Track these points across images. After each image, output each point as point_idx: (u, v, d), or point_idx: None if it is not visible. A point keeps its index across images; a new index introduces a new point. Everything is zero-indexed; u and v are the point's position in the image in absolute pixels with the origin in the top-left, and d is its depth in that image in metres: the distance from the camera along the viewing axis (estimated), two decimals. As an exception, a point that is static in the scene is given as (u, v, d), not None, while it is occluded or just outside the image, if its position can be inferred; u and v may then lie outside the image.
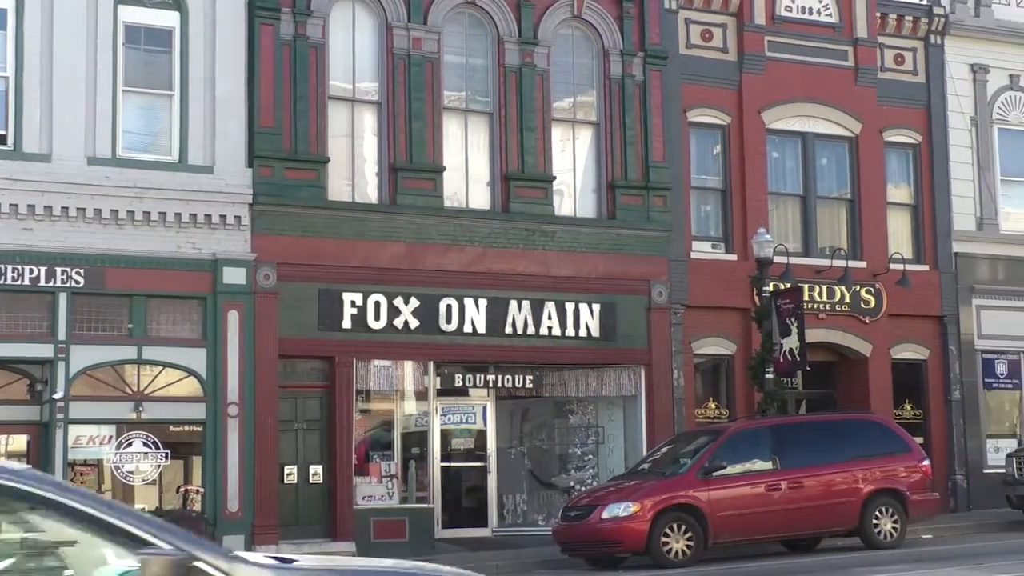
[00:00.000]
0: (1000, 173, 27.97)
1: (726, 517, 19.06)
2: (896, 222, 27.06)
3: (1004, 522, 23.71)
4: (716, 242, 25.54)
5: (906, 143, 27.28)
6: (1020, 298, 27.51)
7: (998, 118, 28.06)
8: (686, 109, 25.23)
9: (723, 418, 24.74)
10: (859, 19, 26.57)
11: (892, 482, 20.38)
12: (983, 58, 27.94)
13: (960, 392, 26.75)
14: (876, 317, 26.04)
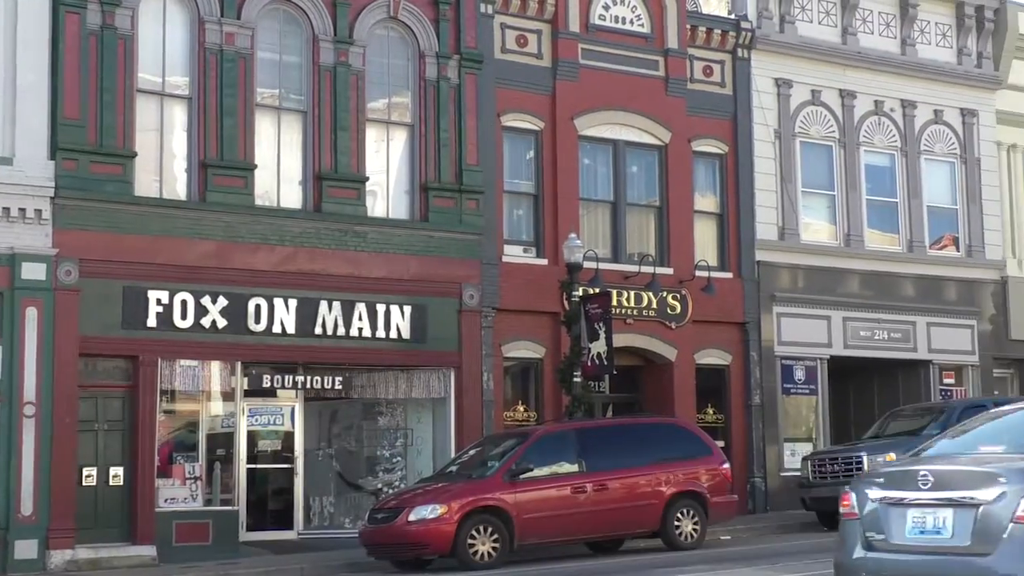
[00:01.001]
0: (801, 185, 28.87)
1: (532, 519, 19.23)
2: (702, 230, 27.68)
3: (799, 523, 24.46)
4: (528, 246, 25.75)
5: (713, 153, 27.93)
6: (818, 306, 28.45)
7: (800, 131, 28.97)
8: (500, 113, 25.38)
9: (531, 421, 24.96)
10: (670, 30, 27.13)
11: (694, 485, 20.85)
12: (787, 73, 28.80)
13: (760, 397, 27.52)
14: (682, 323, 26.60)
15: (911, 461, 9.79)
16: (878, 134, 30.04)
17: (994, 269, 31.07)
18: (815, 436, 28.45)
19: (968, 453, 9.62)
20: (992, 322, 30.90)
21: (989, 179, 31.33)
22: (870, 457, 22.88)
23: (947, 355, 30.23)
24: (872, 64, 29.92)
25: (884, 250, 29.78)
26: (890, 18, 30.53)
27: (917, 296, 29.92)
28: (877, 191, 29.94)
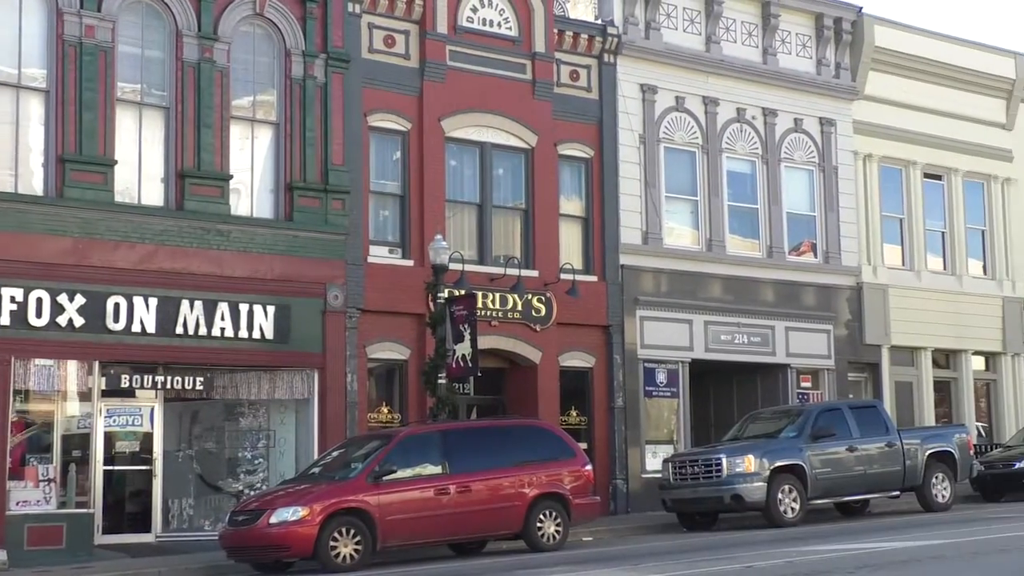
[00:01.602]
0: (665, 190, 29.26)
1: (395, 521, 19.16)
2: (568, 233, 27.88)
3: (660, 524, 24.78)
4: (393, 247, 25.67)
5: (579, 157, 28.15)
6: (681, 310, 28.86)
7: (664, 137, 29.35)
8: (367, 113, 25.27)
9: (395, 422, 24.88)
10: (537, 34, 27.28)
11: (556, 486, 20.98)
12: (652, 79, 29.16)
13: (623, 399, 27.81)
14: (546, 325, 26.75)
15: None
16: (740, 141, 30.58)
17: (850, 275, 31.84)
18: (676, 438, 28.86)
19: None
20: (847, 327, 31.65)
21: (846, 187, 32.09)
22: (729, 459, 23.31)
23: (804, 359, 30.89)
24: (735, 72, 30.46)
25: (745, 255, 30.33)
26: (752, 27, 31.11)
27: (776, 301, 30.52)
28: (738, 197, 30.48)
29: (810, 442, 24.00)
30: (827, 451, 24.20)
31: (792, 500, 23.35)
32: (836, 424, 24.65)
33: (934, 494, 25.41)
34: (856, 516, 25.51)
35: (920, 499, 25.52)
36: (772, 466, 23.29)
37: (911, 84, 33.75)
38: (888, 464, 24.96)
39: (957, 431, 27.25)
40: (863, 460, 24.67)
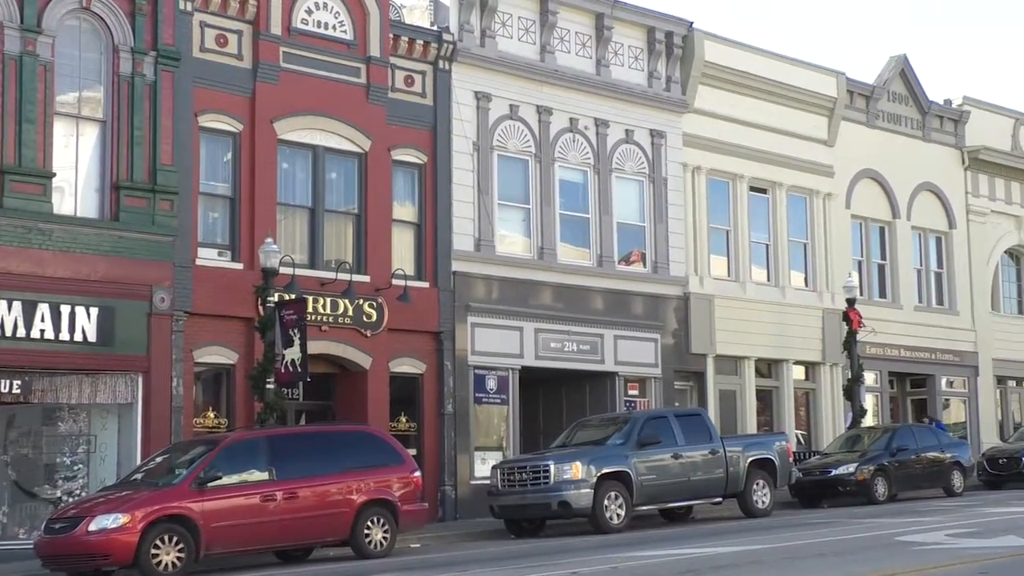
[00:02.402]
0: (498, 197, 29.40)
1: (220, 528, 18.85)
2: (400, 239, 27.81)
3: (488, 531, 24.86)
4: (223, 250, 25.26)
5: (413, 163, 28.11)
6: (512, 317, 29.01)
7: (498, 145, 29.50)
8: (198, 113, 24.83)
9: (222, 428, 24.47)
10: (373, 38, 27.16)
11: (385, 493, 20.91)
12: (487, 87, 29.28)
13: (453, 406, 27.83)
14: (377, 331, 26.62)
15: None
16: (572, 151, 30.90)
17: (677, 285, 32.41)
18: (505, 445, 28.99)
19: None
20: (674, 336, 32.22)
21: (675, 199, 32.67)
22: (557, 466, 23.48)
23: (632, 367, 31.34)
24: (568, 82, 30.77)
25: (576, 264, 30.64)
26: (586, 39, 31.47)
27: (605, 309, 30.90)
28: (570, 206, 30.79)
29: (636, 449, 24.33)
30: (653, 458, 24.56)
31: (618, 506, 23.64)
32: (662, 432, 25.02)
33: (755, 500, 25.99)
34: (680, 522, 25.95)
35: (741, 505, 26.07)
36: (599, 473, 23.54)
37: (739, 99, 34.56)
38: (711, 471, 25.45)
39: (777, 439, 27.93)
40: (687, 467, 25.10)
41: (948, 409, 40.12)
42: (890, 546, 17.13)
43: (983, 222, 41.49)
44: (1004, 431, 40.98)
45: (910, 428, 32.60)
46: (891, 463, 29.65)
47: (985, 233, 41.58)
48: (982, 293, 41.14)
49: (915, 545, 16.94)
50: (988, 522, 20.41)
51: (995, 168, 41.91)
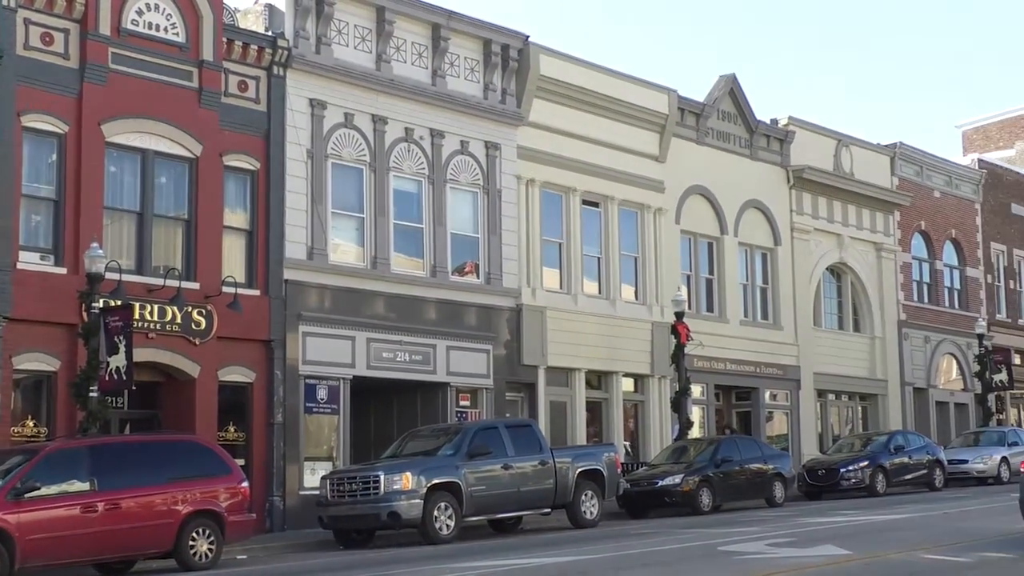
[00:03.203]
0: (332, 206, 29.19)
1: (37, 540, 18.29)
2: (231, 246, 27.40)
3: (316, 541, 24.64)
4: (46, 254, 24.55)
5: (245, 169, 27.73)
6: (344, 327, 28.81)
7: (332, 153, 29.29)
8: (21, 113, 24.12)
9: (42, 437, 23.77)
10: (206, 42, 26.73)
11: (211, 503, 20.55)
12: (322, 94, 29.06)
13: (283, 415, 27.51)
14: (206, 339, 26.19)
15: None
16: (407, 161, 30.86)
17: (510, 297, 32.59)
18: (335, 455, 28.76)
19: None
20: (507, 347, 32.38)
21: (509, 211, 32.87)
22: (387, 476, 23.38)
23: (464, 378, 31.40)
24: (404, 92, 30.72)
25: (409, 274, 30.59)
26: (423, 49, 31.48)
27: (438, 320, 30.91)
28: (404, 216, 30.73)
29: (467, 460, 24.38)
30: (483, 469, 24.64)
31: (448, 517, 23.65)
32: (492, 443, 25.12)
33: (583, 511, 26.26)
34: (509, 533, 26.07)
35: (570, 516, 26.31)
36: (429, 484, 23.51)
37: (573, 113, 34.95)
38: (541, 482, 25.64)
39: (606, 450, 28.28)
40: (517, 478, 25.24)
41: (771, 421, 41.13)
42: (712, 556, 17.47)
43: (806, 239, 42.68)
44: (824, 443, 42.15)
45: (734, 440, 33.32)
46: (716, 474, 30.25)
47: (808, 250, 42.78)
48: (805, 309, 42.30)
49: (736, 555, 17.31)
50: (807, 532, 20.97)
51: (818, 187, 43.16)
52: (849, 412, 45.27)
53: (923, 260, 48.36)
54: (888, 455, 35.47)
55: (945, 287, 49.31)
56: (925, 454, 36.72)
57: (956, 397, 48.94)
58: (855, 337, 44.98)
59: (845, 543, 18.20)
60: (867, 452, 35.58)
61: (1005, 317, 52.12)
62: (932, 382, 47.45)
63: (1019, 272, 53.66)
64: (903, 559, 15.98)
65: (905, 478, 35.75)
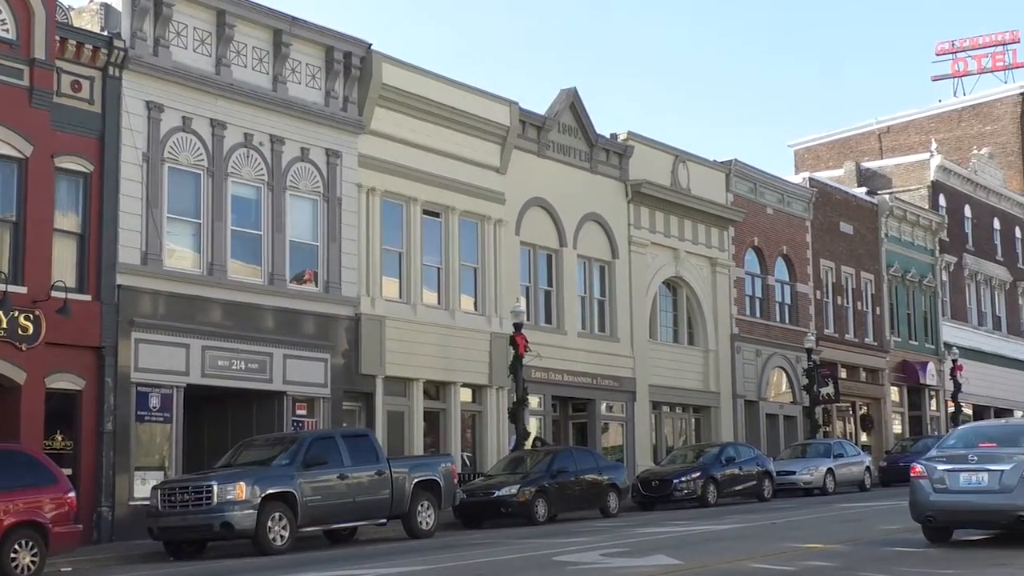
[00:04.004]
0: (168, 211, 28.64)
1: None
2: (62, 249, 26.66)
3: (146, 553, 24.11)
4: None
5: (78, 171, 27.03)
6: (178, 334, 28.27)
7: (169, 157, 28.74)
8: None
9: None
10: (37, 40, 25.98)
11: (34, 514, 19.97)
12: (159, 97, 28.51)
13: (113, 424, 26.85)
14: (33, 344, 25.42)
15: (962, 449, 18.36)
16: (246, 166, 30.44)
17: (349, 306, 32.37)
18: (168, 465, 28.17)
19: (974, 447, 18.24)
20: (345, 356, 32.14)
21: (349, 219, 32.66)
22: (220, 486, 23.00)
23: (301, 387, 31.07)
24: (244, 97, 30.31)
25: (246, 281, 30.17)
26: (264, 54, 31.11)
27: (276, 328, 30.53)
28: (243, 222, 30.31)
29: (302, 470, 24.14)
30: (318, 479, 24.41)
31: (282, 528, 23.38)
32: (329, 452, 24.92)
33: (419, 521, 26.21)
34: (344, 543, 25.88)
35: (406, 526, 26.25)
36: (263, 493, 23.21)
37: (416, 123, 34.91)
38: (377, 492, 25.52)
39: (443, 460, 28.29)
40: (353, 488, 25.08)
41: (607, 433, 41.60)
42: (546, 566, 17.59)
43: (644, 253, 43.31)
44: (658, 454, 42.79)
45: (570, 451, 33.62)
46: (551, 485, 30.48)
47: (645, 264, 43.42)
48: (641, 321, 42.90)
49: (571, 565, 17.46)
50: (640, 542, 21.26)
51: (656, 202, 43.86)
52: (683, 424, 46.06)
53: (755, 275, 49.49)
54: (719, 466, 36.18)
55: (776, 302, 50.54)
56: (755, 465, 37.56)
57: (785, 410, 50.17)
58: (689, 350, 45.79)
59: (676, 553, 18.50)
60: (699, 463, 36.23)
61: (833, 332, 53.64)
62: (763, 395, 48.56)
63: (846, 288, 55.30)
64: (731, 568, 16.30)
65: (735, 489, 36.51)
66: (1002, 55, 75.82)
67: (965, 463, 18.00)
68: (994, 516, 17.91)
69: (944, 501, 17.98)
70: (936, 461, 18.40)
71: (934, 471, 18.19)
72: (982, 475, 17.72)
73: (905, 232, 59.69)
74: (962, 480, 17.87)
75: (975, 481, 17.75)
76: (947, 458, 18.34)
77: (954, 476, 17.95)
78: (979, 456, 17.99)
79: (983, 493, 17.67)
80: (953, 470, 18.00)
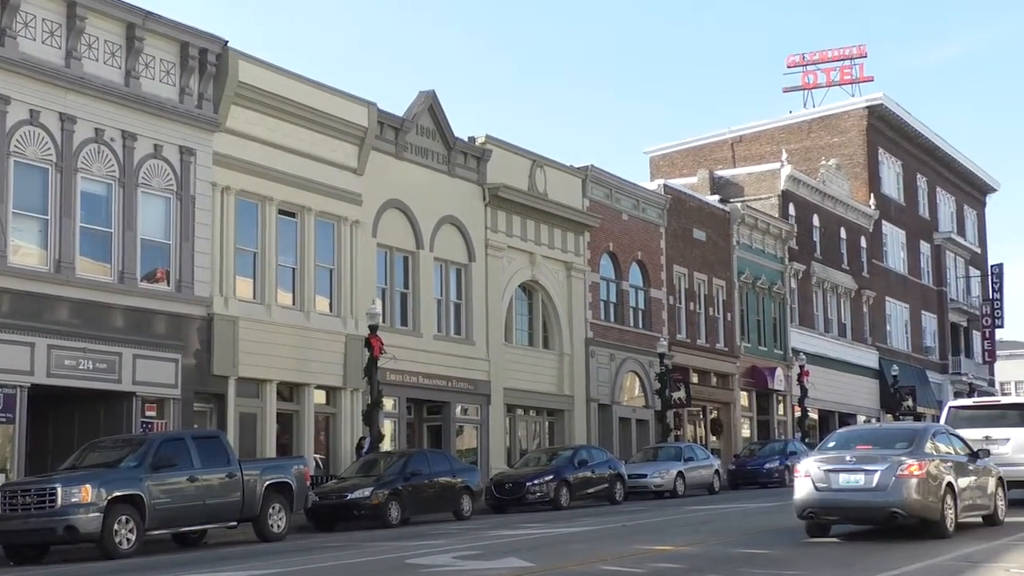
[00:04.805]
0: (13, 206, 27.86)
1: None
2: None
3: (-16, 558, 23.42)
4: None
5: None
6: (23, 332, 27.53)
7: (16, 151, 27.96)
8: None
9: None
10: None
11: None
12: (5, 89, 27.72)
13: (-48, 425, 26.03)
14: None
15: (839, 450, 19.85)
16: (97, 162, 29.76)
17: (201, 305, 31.87)
18: (9, 467, 27.39)
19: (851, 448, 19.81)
20: (196, 357, 31.63)
21: (203, 218, 32.15)
22: (64, 489, 22.46)
23: (151, 388, 30.46)
24: (95, 91, 29.64)
25: (95, 279, 29.49)
26: (116, 48, 30.46)
27: (126, 328, 29.92)
28: (92, 219, 29.62)
29: (151, 472, 23.70)
30: (167, 481, 24.00)
31: (129, 531, 22.93)
32: (178, 454, 24.53)
33: (270, 524, 25.93)
34: (193, 547, 25.47)
35: (257, 529, 25.93)
36: (110, 496, 22.73)
37: (272, 122, 34.54)
38: (227, 494, 25.18)
39: (296, 463, 28.03)
40: (203, 490, 24.70)
41: (461, 435, 41.65)
42: (399, 569, 17.55)
43: (500, 256, 43.48)
44: (512, 457, 42.97)
45: (424, 453, 33.60)
46: (405, 487, 30.41)
47: (502, 267, 43.59)
48: (497, 325, 43.06)
49: (423, 568, 17.44)
50: (492, 544, 21.32)
51: (513, 206, 44.06)
52: (537, 427, 46.34)
53: (611, 280, 50.04)
54: (572, 469, 36.47)
55: (630, 307, 51.16)
56: (607, 468, 37.95)
57: (638, 413, 50.82)
58: (544, 353, 46.09)
59: (528, 555, 18.60)
60: (552, 466, 36.46)
61: (685, 337, 54.50)
62: (616, 399, 49.10)
63: (699, 294, 56.23)
64: (582, 570, 16.44)
65: (588, 491, 36.84)
66: (850, 69, 77.89)
67: (844, 464, 19.42)
68: (870, 512, 19.32)
69: (825, 499, 19.31)
70: (817, 462, 19.65)
71: (815, 471, 19.45)
72: (859, 475, 19.12)
73: (756, 240, 60.94)
74: (841, 479, 19.24)
75: (853, 480, 19.13)
76: (827, 459, 19.71)
77: (834, 476, 19.28)
78: (856, 457, 19.50)
79: (860, 491, 19.06)
80: (833, 470, 19.35)
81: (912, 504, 18.82)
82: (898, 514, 18.90)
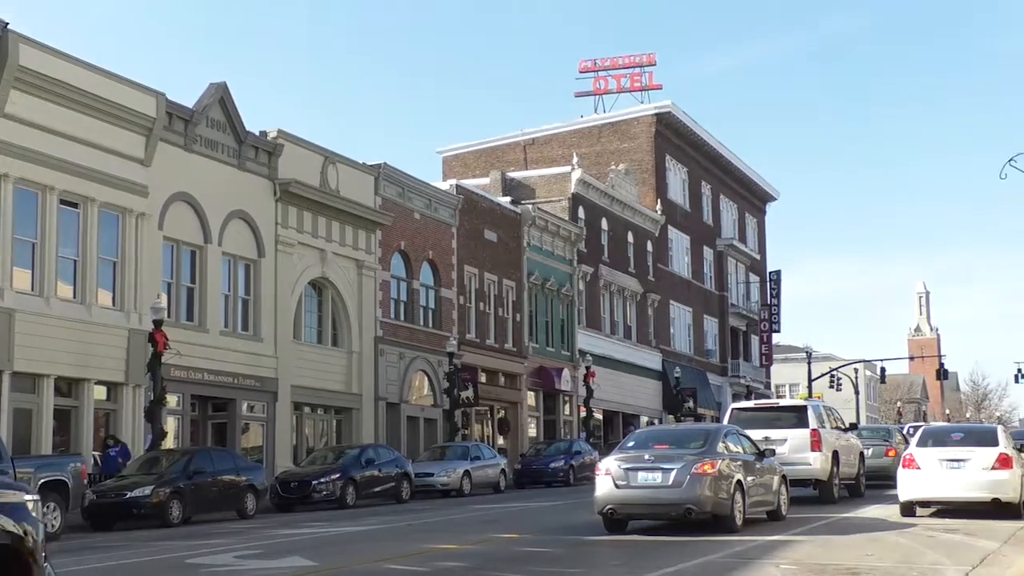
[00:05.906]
0: None
1: None
2: None
3: None
4: None
5: None
6: None
7: None
8: None
9: None
10: None
11: None
12: None
13: None
14: None
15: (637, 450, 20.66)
16: None
17: (-25, 297, 30.69)
18: None
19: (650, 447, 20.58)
20: (-31, 350, 30.42)
21: (-22, 206, 30.96)
22: None
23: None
24: None
25: None
26: None
27: None
28: None
29: (-84, 470, 22.69)
30: (-66, 479, 22.99)
31: None
32: (-54, 451, 23.54)
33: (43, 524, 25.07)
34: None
35: (29, 529, 25.03)
36: None
37: (55, 109, 33.45)
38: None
39: (73, 460, 27.25)
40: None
41: (247, 433, 41.06)
42: (177, 568, 17.23)
43: (291, 253, 43.03)
44: (298, 456, 42.57)
45: (208, 451, 33.03)
46: (188, 486, 29.81)
47: (292, 263, 43.14)
48: (285, 321, 42.60)
49: (203, 568, 17.16)
50: (275, 544, 21.11)
51: (304, 202, 43.66)
52: (324, 425, 46.02)
53: (402, 279, 50.03)
54: (359, 468, 36.32)
55: (421, 306, 51.25)
56: (394, 467, 37.92)
57: (427, 412, 50.95)
58: (333, 351, 45.81)
59: (312, 555, 18.48)
60: (339, 465, 36.25)
61: (475, 337, 54.86)
62: (405, 397, 49.12)
63: (489, 295, 56.68)
64: (366, 569, 16.42)
65: (375, 490, 36.74)
66: (639, 76, 79.69)
67: (642, 463, 20.22)
68: (667, 508, 20.22)
69: (624, 496, 20.12)
70: (618, 460, 20.43)
71: (616, 469, 20.20)
72: (656, 473, 19.95)
73: (546, 242, 61.76)
74: (640, 477, 20.04)
75: (651, 478, 19.98)
76: (627, 458, 20.50)
77: (633, 474, 20.09)
78: (655, 456, 20.32)
79: (658, 488, 19.91)
80: (632, 468, 20.15)
81: (705, 500, 19.67)
82: (692, 510, 19.71)
